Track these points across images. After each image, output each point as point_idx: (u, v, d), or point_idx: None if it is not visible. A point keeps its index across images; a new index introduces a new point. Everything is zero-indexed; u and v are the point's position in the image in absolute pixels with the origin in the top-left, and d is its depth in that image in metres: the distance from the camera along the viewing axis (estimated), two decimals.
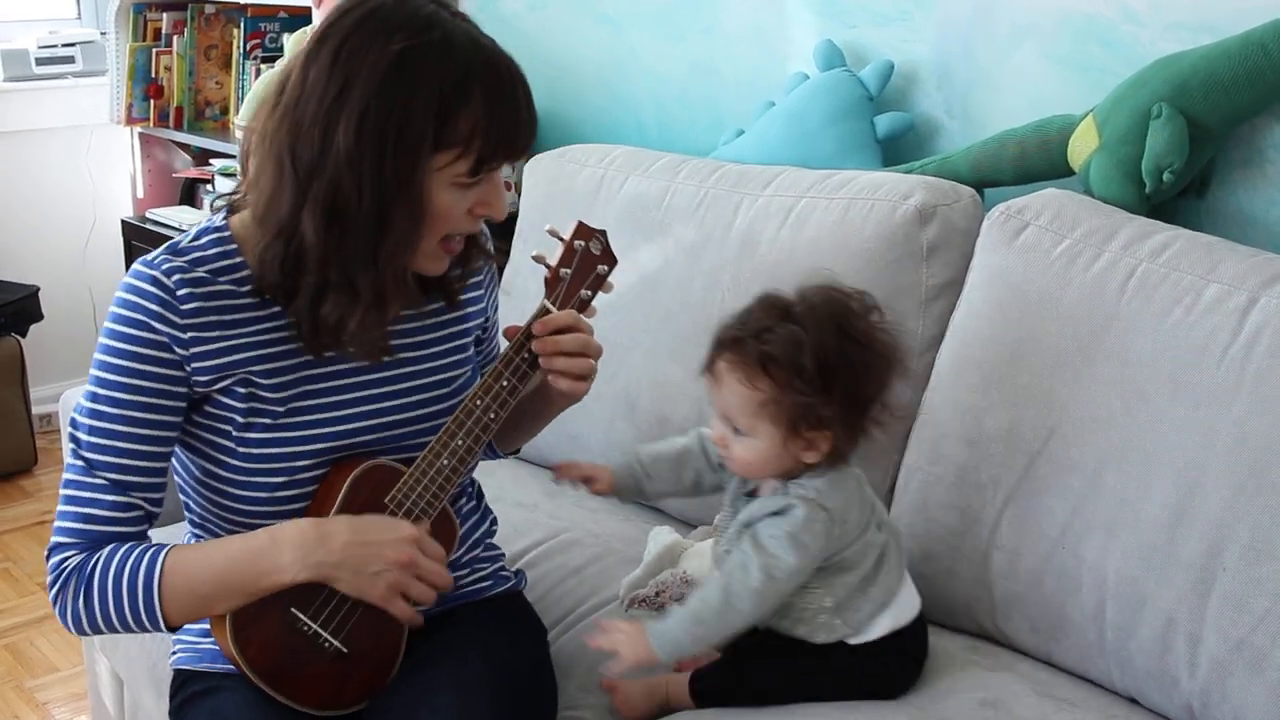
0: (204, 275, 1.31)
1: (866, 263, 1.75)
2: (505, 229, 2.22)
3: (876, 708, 1.47)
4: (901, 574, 1.49)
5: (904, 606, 1.48)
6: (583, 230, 1.41)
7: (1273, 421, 1.40)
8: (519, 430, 1.59)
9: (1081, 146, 1.77)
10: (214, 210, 1.39)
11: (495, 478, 2.04)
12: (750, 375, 1.36)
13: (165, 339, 1.29)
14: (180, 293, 1.29)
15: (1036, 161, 1.85)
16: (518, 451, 1.69)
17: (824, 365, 1.34)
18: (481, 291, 1.52)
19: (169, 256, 1.31)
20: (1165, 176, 1.67)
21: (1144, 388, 1.50)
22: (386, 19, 1.23)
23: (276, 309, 1.33)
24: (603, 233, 1.42)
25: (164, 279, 1.29)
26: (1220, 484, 1.42)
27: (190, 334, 1.29)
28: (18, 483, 3.35)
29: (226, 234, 1.34)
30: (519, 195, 2.30)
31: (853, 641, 1.45)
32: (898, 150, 2.10)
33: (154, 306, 1.28)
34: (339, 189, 1.22)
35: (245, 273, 1.33)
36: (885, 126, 2.06)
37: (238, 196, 1.36)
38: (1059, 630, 1.56)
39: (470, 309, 1.49)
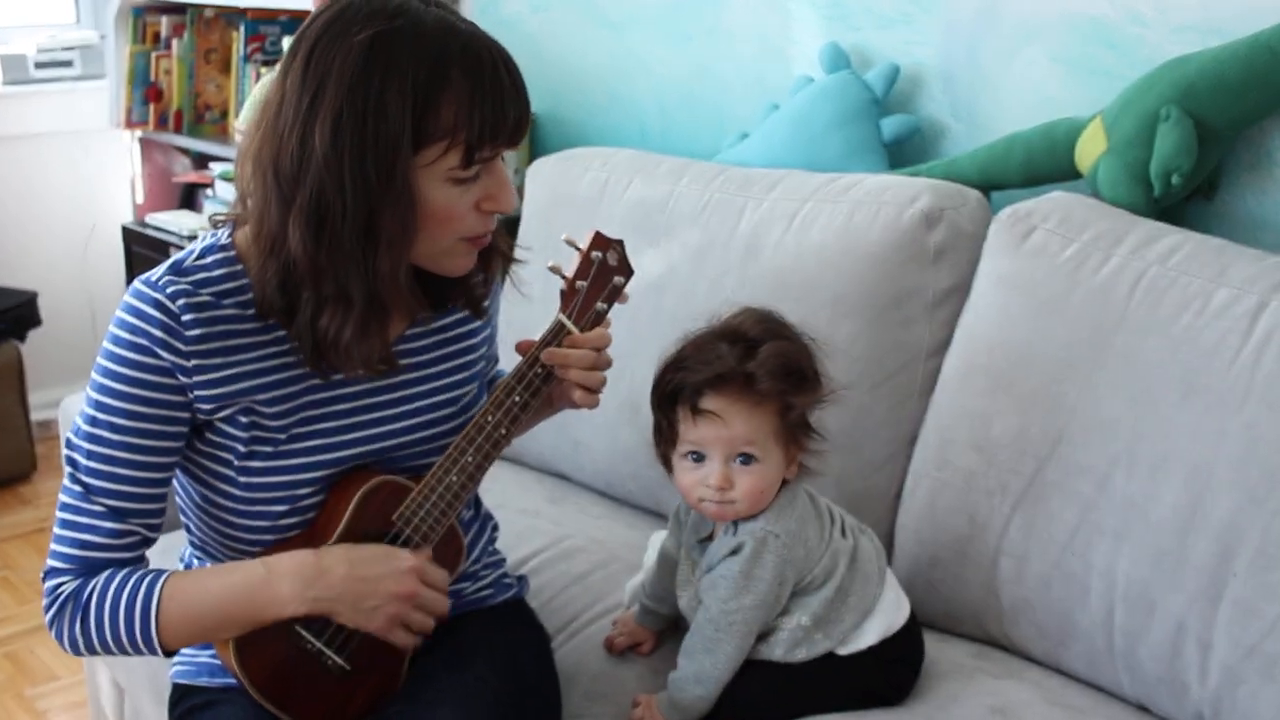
0: (208, 298, 1.27)
1: (872, 267, 1.74)
2: (509, 233, 2.21)
3: (883, 716, 1.46)
4: (883, 578, 1.49)
5: (891, 611, 1.48)
6: (600, 240, 1.37)
7: None
8: None
9: (1089, 149, 1.76)
10: (213, 226, 1.36)
11: (499, 483, 2.02)
12: (757, 399, 1.39)
13: (168, 365, 1.25)
14: (185, 318, 1.25)
15: (1044, 164, 1.84)
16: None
17: (804, 370, 1.42)
18: (487, 303, 1.50)
19: (173, 277, 1.27)
20: (1173, 179, 1.66)
21: (1153, 392, 1.49)
22: (354, 15, 1.20)
23: (280, 333, 1.30)
24: (620, 243, 1.38)
25: (168, 303, 1.25)
26: (1231, 488, 1.41)
27: (194, 361, 1.26)
28: (16, 490, 3.34)
29: (232, 253, 1.31)
30: (521, 200, 2.29)
31: (842, 652, 1.45)
32: (904, 153, 2.10)
33: (157, 332, 1.25)
34: (321, 196, 1.19)
35: (250, 295, 1.29)
36: (891, 129, 2.05)
37: (235, 214, 1.33)
38: (1068, 636, 1.55)
39: (477, 323, 1.47)
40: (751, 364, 1.39)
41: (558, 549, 1.83)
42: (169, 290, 1.26)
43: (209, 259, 1.30)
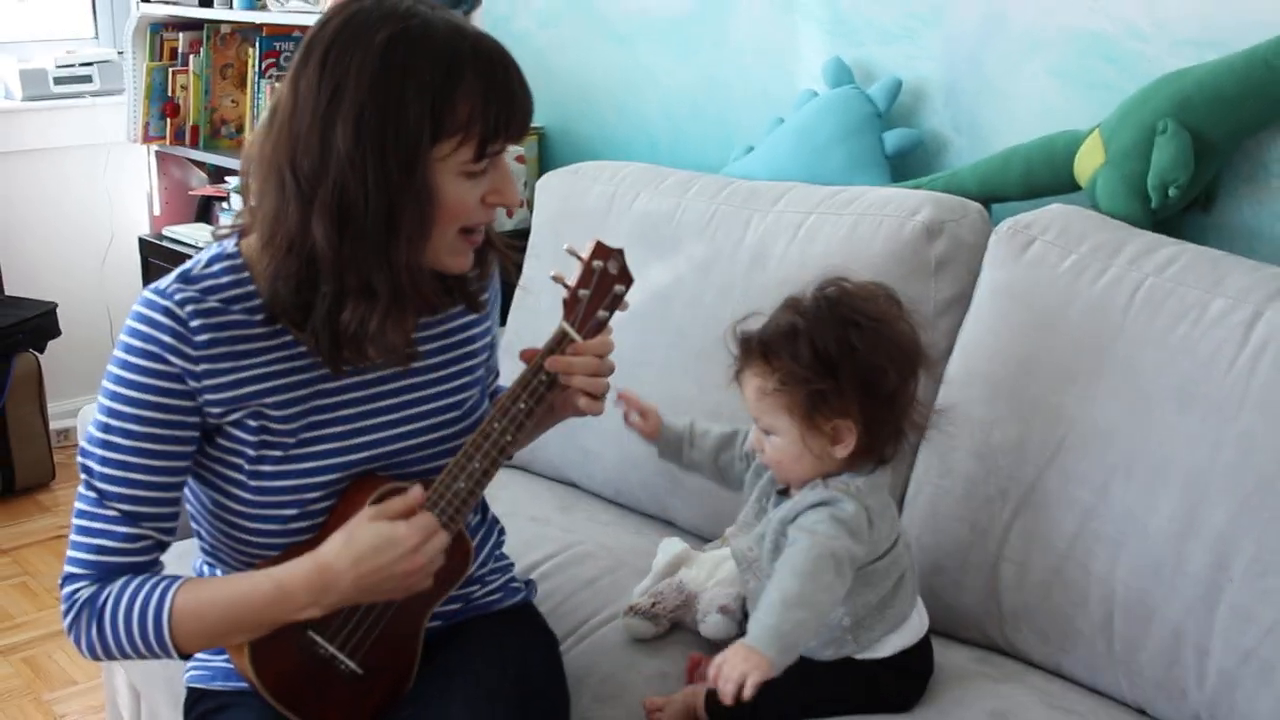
0: (216, 305, 1.30)
1: (875, 278, 1.73)
2: (518, 245, 2.23)
3: (887, 719, 1.48)
4: (915, 598, 1.50)
5: (914, 627, 1.49)
6: (601, 250, 1.39)
7: (1279, 433, 1.40)
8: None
9: (1088, 162, 1.78)
10: (216, 239, 1.38)
11: (509, 491, 2.05)
12: (756, 369, 1.42)
13: (178, 371, 1.28)
14: (193, 324, 1.28)
15: (1043, 177, 1.86)
16: (510, 457, 1.70)
17: (821, 350, 1.37)
18: (485, 296, 1.52)
19: (181, 285, 1.30)
20: (1171, 191, 1.68)
21: (1151, 401, 1.50)
22: (366, 18, 1.23)
23: (288, 338, 1.33)
24: (620, 252, 1.41)
25: (177, 310, 1.28)
26: (1227, 496, 1.43)
27: (203, 366, 1.29)
28: (36, 498, 3.38)
29: (239, 260, 1.34)
30: (531, 212, 2.32)
31: (859, 657, 1.46)
32: (906, 166, 2.12)
33: (167, 339, 1.28)
34: (344, 192, 1.22)
35: (257, 301, 1.32)
36: (894, 143, 2.08)
37: (241, 224, 1.36)
38: (1067, 642, 1.57)
39: (477, 329, 1.49)
40: (760, 334, 1.42)
41: (567, 555, 1.85)
42: (177, 298, 1.29)
43: (216, 267, 1.33)
